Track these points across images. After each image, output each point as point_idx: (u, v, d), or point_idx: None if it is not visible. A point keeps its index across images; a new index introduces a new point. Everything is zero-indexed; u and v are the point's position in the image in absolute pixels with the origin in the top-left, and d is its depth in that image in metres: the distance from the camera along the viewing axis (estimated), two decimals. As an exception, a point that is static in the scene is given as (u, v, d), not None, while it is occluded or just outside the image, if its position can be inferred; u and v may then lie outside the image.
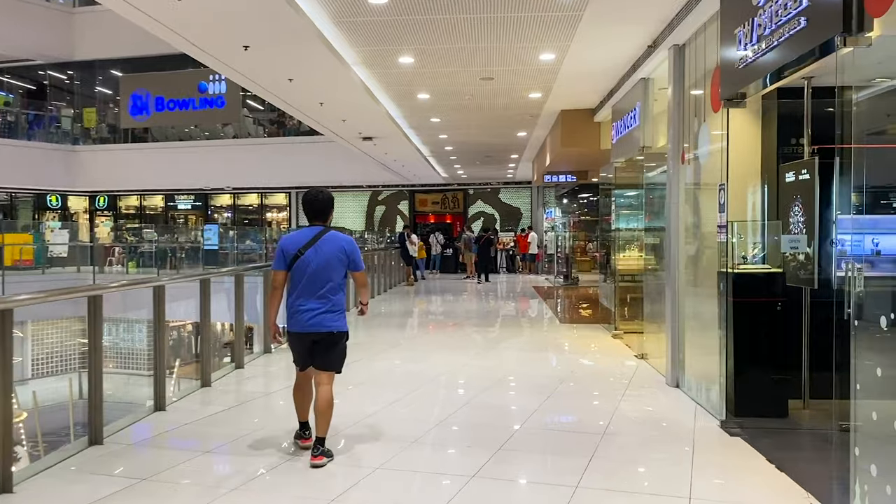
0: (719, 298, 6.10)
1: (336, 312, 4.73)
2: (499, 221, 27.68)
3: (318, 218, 4.86)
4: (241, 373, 7.85)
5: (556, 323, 12.11)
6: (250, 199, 31.53)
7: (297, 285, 4.71)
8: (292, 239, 4.80)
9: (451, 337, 10.62)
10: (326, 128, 13.51)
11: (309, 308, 4.66)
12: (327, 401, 4.71)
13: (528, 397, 6.68)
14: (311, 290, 4.66)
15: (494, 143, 16.01)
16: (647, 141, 8.54)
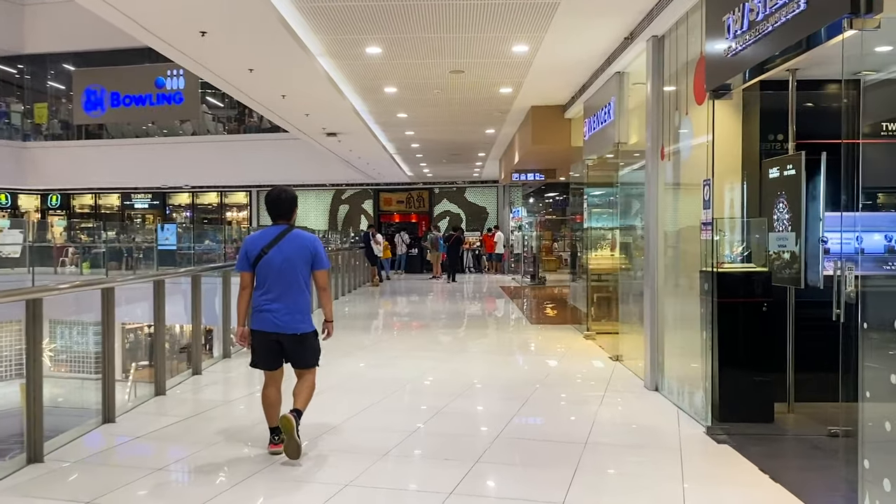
0: (702, 299, 5.86)
1: (301, 313, 4.68)
2: (465, 221, 27.40)
3: (281, 217, 4.80)
4: (199, 379, 7.40)
5: (525, 324, 11.83)
6: (210, 197, 30.77)
7: (261, 285, 4.66)
8: (255, 238, 4.75)
9: (420, 339, 10.27)
10: (289, 123, 13.04)
11: (273, 308, 4.60)
12: (310, 384, 4.78)
13: (504, 404, 6.37)
14: (275, 290, 4.60)
15: (462, 140, 15.70)
16: (623, 137, 8.29)
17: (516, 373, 7.85)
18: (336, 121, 12.65)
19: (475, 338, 10.46)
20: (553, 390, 6.93)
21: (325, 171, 24.73)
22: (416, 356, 8.78)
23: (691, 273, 6.35)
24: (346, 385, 7.08)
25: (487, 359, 8.71)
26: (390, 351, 9.26)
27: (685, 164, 6.28)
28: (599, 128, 9.21)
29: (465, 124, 13.55)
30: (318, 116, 12.21)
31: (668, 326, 6.81)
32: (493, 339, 10.60)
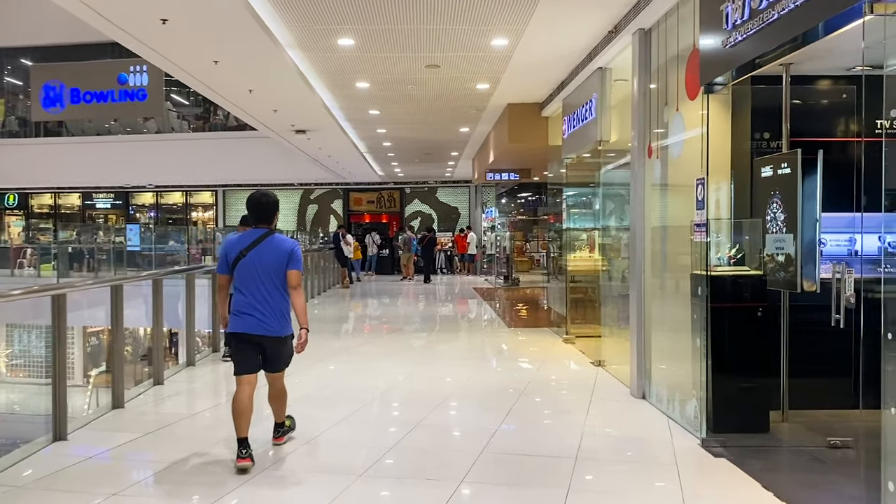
0: (693, 303, 5.59)
1: (280, 317, 4.68)
2: (436, 221, 27.05)
3: (262, 221, 4.78)
4: (160, 390, 6.96)
5: (502, 327, 11.52)
6: (174, 197, 30.03)
7: (240, 288, 4.66)
8: (235, 241, 4.77)
9: (394, 344, 9.89)
10: (257, 119, 12.56)
11: (252, 311, 4.60)
12: (280, 390, 4.93)
13: (486, 415, 6.03)
14: (255, 293, 4.60)
15: (435, 139, 15.35)
16: (605, 135, 8.01)
17: (496, 380, 7.52)
18: (306, 117, 12.21)
19: (451, 342, 10.12)
20: (536, 399, 6.62)
21: (293, 170, 24.23)
22: (390, 362, 8.41)
23: (680, 276, 6.09)
24: (319, 395, 6.69)
25: (465, 365, 8.36)
26: (364, 357, 8.88)
27: (675, 163, 6.00)
28: (579, 126, 8.93)
29: (439, 122, 13.21)
30: (287, 112, 11.76)
31: (656, 331, 6.54)
32: (469, 343, 10.27)
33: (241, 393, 4.62)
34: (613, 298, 8.45)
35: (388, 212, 27.75)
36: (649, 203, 6.55)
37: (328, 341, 9.74)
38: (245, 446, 4.48)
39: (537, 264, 24.84)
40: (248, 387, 4.65)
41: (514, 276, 20.49)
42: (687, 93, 5.57)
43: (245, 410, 4.58)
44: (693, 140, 5.56)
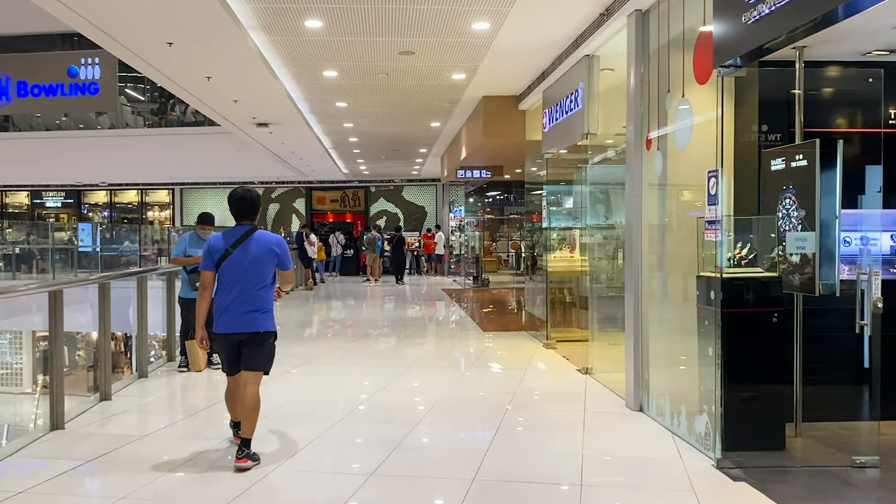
0: (700, 308, 5.09)
1: (264, 312, 4.66)
2: (402, 220, 26.41)
3: (245, 217, 4.77)
4: (108, 406, 6.25)
5: (476, 332, 10.95)
6: (129, 196, 28.92)
7: (225, 285, 4.64)
8: (220, 238, 4.72)
9: (365, 352, 9.25)
10: (215, 110, 11.79)
11: (236, 308, 4.59)
12: (253, 402, 4.64)
13: (474, 434, 5.46)
14: (239, 290, 4.60)
15: (404, 134, 14.73)
16: (592, 127, 7.50)
17: (480, 392, 6.95)
18: (268, 109, 11.49)
19: (423, 348, 9.52)
20: (526, 413, 6.06)
21: (254, 168, 23.39)
22: (363, 372, 7.79)
23: (684, 277, 5.59)
24: (286, 411, 6.04)
25: (441, 374, 7.77)
26: (331, 366, 8.23)
27: (679, 154, 5.49)
28: (563, 118, 8.41)
29: (409, 116, 12.60)
30: (248, 103, 11.03)
31: (654, 338, 6.02)
32: (443, 349, 9.67)
33: (232, 383, 4.79)
34: (600, 301, 7.95)
35: (353, 211, 27.04)
36: (647, 199, 6.04)
37: (292, 347, 9.05)
38: (239, 427, 4.69)
39: (505, 264, 24.39)
40: (237, 384, 4.74)
41: (484, 276, 19.97)
42: (696, 76, 5.06)
43: (237, 404, 4.76)
44: (702, 128, 5.06)
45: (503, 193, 24.03)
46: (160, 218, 28.86)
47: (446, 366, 8.32)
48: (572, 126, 8.00)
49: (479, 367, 8.14)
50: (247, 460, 4.47)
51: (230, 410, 4.92)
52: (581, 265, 9.78)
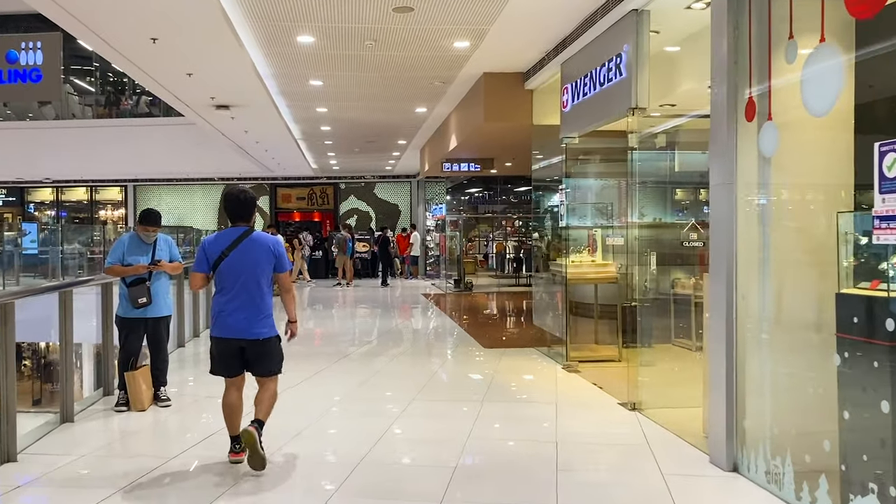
0: (843, 342, 3.58)
1: (264, 317, 4.56)
2: (374, 219, 24.73)
3: (241, 219, 4.65)
4: (70, 432, 4.79)
5: (477, 348, 9.36)
6: (78, 193, 26.77)
7: (222, 289, 4.52)
8: (215, 240, 4.60)
9: (348, 379, 7.60)
10: (163, 86, 9.96)
11: (235, 313, 4.47)
12: (271, 394, 4.62)
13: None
14: (237, 294, 4.48)
15: (385, 122, 13.10)
16: (641, 99, 5.98)
17: (509, 441, 5.35)
18: (229, 86, 9.75)
19: (423, 373, 7.87)
20: (584, 479, 4.48)
21: (213, 162, 21.55)
22: (351, 412, 6.16)
23: (808, 294, 4.09)
24: (254, 481, 4.37)
25: (455, 413, 6.16)
26: (310, 401, 6.55)
27: (807, 124, 3.97)
28: (593, 93, 6.87)
29: (393, 99, 10.98)
30: (204, 78, 9.27)
31: (755, 373, 4.50)
32: (448, 374, 8.03)
33: (228, 395, 4.61)
34: (647, 312, 6.45)
35: (321, 209, 25.28)
36: (744, 186, 4.50)
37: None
38: (238, 442, 4.49)
39: (482, 265, 22.86)
40: (235, 388, 4.62)
41: (467, 280, 18.40)
42: (848, 8, 3.53)
43: (235, 407, 4.57)
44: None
45: (484, 190, 22.48)
46: (113, 217, 26.76)
47: (456, 399, 6.69)
48: (610, 101, 6.47)
49: (497, 399, 6.54)
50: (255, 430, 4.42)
51: (228, 423, 4.59)
52: (604, 270, 8.29)
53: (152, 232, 6.29)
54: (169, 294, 6.46)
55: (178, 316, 9.98)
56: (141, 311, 6.15)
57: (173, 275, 6.77)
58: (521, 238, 20.40)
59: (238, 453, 4.50)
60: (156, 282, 6.26)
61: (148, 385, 6.24)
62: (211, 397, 6.18)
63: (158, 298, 6.25)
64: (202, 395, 6.65)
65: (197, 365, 8.40)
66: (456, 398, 6.65)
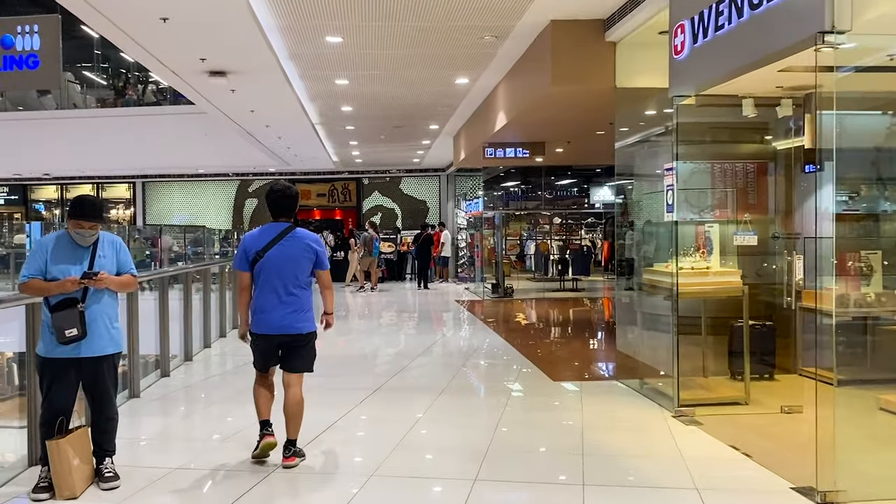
0: None
1: (304, 312, 4.54)
2: (400, 217, 22.63)
3: (283, 214, 4.63)
4: None
5: (544, 381, 7.19)
6: (83, 191, 24.94)
7: (262, 285, 4.53)
8: (255, 236, 4.60)
9: (385, 428, 5.49)
10: (133, 39, 7.58)
11: (276, 309, 4.47)
12: (298, 403, 4.58)
13: None
14: (277, 291, 4.48)
15: (416, 98, 10.97)
16: (841, 19, 3.77)
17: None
18: (222, 41, 7.64)
19: (484, 427, 5.65)
20: None
21: (226, 155, 19.59)
22: (404, 489, 4.06)
23: None
24: None
25: (546, 496, 4.01)
26: (339, 477, 4.45)
27: None
28: (739, 21, 4.66)
29: (428, 65, 8.86)
30: (186, 25, 7.13)
31: None
32: (517, 431, 5.77)
33: (262, 380, 4.62)
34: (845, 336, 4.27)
35: (343, 206, 23.20)
36: None
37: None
38: (268, 426, 4.50)
39: (517, 266, 20.59)
40: (266, 380, 4.63)
41: (507, 284, 16.23)
42: None
43: (266, 394, 4.59)
44: None
45: (522, 183, 20.22)
46: (122, 217, 24.95)
47: (540, 479, 4.42)
48: (772, 28, 4.27)
49: (602, 481, 4.33)
50: (294, 458, 4.46)
51: (259, 407, 4.57)
52: (727, 280, 6.09)
53: (89, 230, 4.23)
54: (116, 321, 4.37)
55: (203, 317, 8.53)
56: (71, 349, 4.12)
57: (123, 291, 4.67)
58: (567, 237, 18.20)
59: (269, 434, 4.49)
60: (94, 304, 4.19)
61: (84, 458, 4.19)
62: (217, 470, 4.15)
63: (97, 328, 4.19)
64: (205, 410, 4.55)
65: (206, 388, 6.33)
66: (540, 478, 4.44)
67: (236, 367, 7.91)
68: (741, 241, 5.81)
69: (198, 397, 6.99)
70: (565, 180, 19.92)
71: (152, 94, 21.44)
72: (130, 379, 6.31)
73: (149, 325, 7.05)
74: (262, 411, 4.58)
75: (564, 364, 8.14)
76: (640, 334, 6.95)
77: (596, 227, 20.82)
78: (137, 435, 5.50)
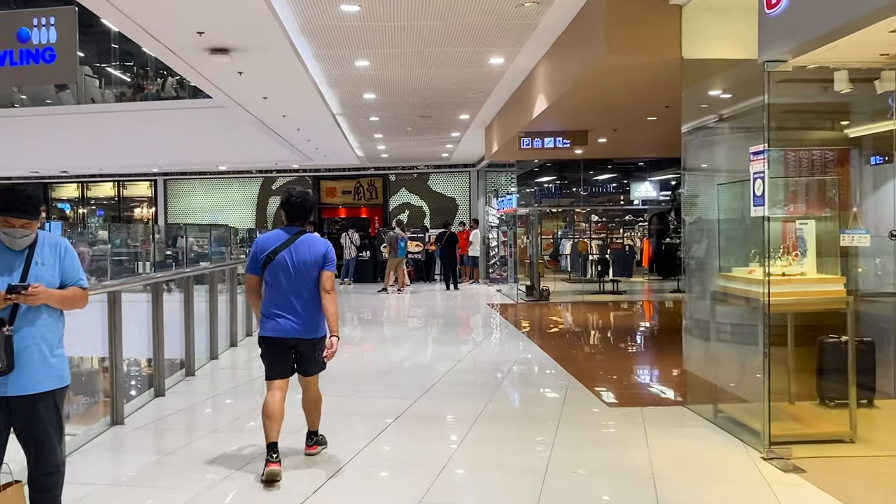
0: None
1: (314, 317, 4.45)
2: (428, 215, 21.60)
3: (298, 219, 4.59)
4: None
5: (596, 405, 6.11)
6: (104, 189, 24.36)
7: (271, 289, 4.48)
8: (266, 240, 4.55)
9: (406, 477, 4.46)
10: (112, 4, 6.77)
11: (286, 313, 4.40)
12: (315, 400, 4.64)
13: None
14: (289, 295, 4.41)
15: (445, 83, 9.92)
16: None
17: None
18: (218, 7, 6.67)
19: (530, 474, 4.57)
20: None
21: (248, 151, 18.72)
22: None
23: None
24: None
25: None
26: None
27: None
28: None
29: (460, 41, 7.82)
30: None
31: None
32: (572, 480, 4.73)
33: (272, 397, 4.40)
34: None
35: (369, 204, 22.22)
36: None
37: (292, 452, 4.32)
38: (274, 451, 4.26)
39: (550, 266, 19.40)
40: (280, 392, 4.43)
41: (543, 287, 15.11)
42: None
43: (276, 414, 4.35)
44: None
45: (558, 179, 19.04)
46: (146, 216, 24.29)
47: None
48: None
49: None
50: (316, 447, 4.65)
51: (266, 428, 4.32)
52: (829, 289, 4.96)
53: (21, 228, 3.25)
54: (58, 347, 3.38)
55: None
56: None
57: (68, 308, 3.64)
58: (608, 236, 17.03)
59: (275, 462, 4.20)
60: (25, 326, 3.21)
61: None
62: None
63: (29, 358, 3.21)
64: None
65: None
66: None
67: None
68: (850, 240, 4.66)
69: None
70: (605, 175, 18.67)
71: (172, 89, 20.68)
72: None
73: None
74: (268, 433, 4.32)
75: (618, 383, 7.04)
76: (712, 349, 5.81)
77: (634, 225, 19.62)
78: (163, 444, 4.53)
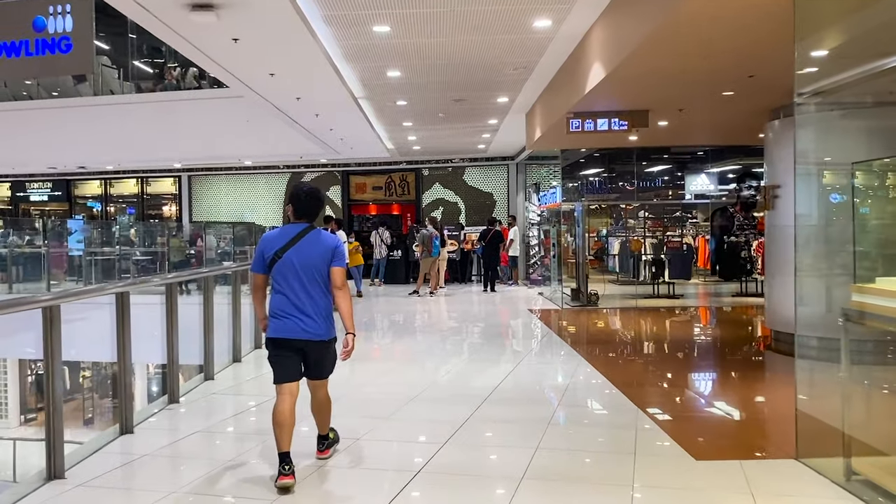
0: None
1: (323, 317, 4.30)
2: (464, 212, 20.19)
3: (306, 216, 4.42)
4: None
5: (680, 454, 4.65)
6: (128, 186, 23.44)
7: (280, 288, 4.31)
8: (272, 238, 4.39)
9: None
10: None
11: (293, 314, 4.25)
12: (324, 403, 4.53)
13: None
14: (297, 294, 4.26)
15: (483, 54, 8.50)
16: None
17: None
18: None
19: None
20: None
21: (272, 144, 17.63)
22: None
23: None
24: None
25: None
26: None
27: None
28: None
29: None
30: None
31: None
32: None
33: (281, 403, 4.22)
34: None
35: (401, 201, 20.90)
36: None
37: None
38: (287, 462, 4.10)
39: (594, 266, 17.78)
40: (290, 396, 4.25)
41: (591, 291, 13.59)
42: None
43: (286, 422, 4.18)
44: None
45: (607, 171, 17.42)
46: (171, 214, 23.34)
47: None
48: None
49: None
50: (328, 451, 4.55)
51: (277, 436, 4.16)
52: None
53: None
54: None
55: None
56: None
57: None
58: (664, 234, 15.43)
59: (287, 475, 4.02)
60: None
61: None
62: None
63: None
64: None
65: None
66: None
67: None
68: None
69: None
70: (659, 166, 16.97)
71: (193, 78, 19.62)
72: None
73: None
74: (279, 442, 4.14)
75: (700, 421, 5.55)
76: (840, 385, 4.29)
77: (688, 221, 17.95)
78: None
